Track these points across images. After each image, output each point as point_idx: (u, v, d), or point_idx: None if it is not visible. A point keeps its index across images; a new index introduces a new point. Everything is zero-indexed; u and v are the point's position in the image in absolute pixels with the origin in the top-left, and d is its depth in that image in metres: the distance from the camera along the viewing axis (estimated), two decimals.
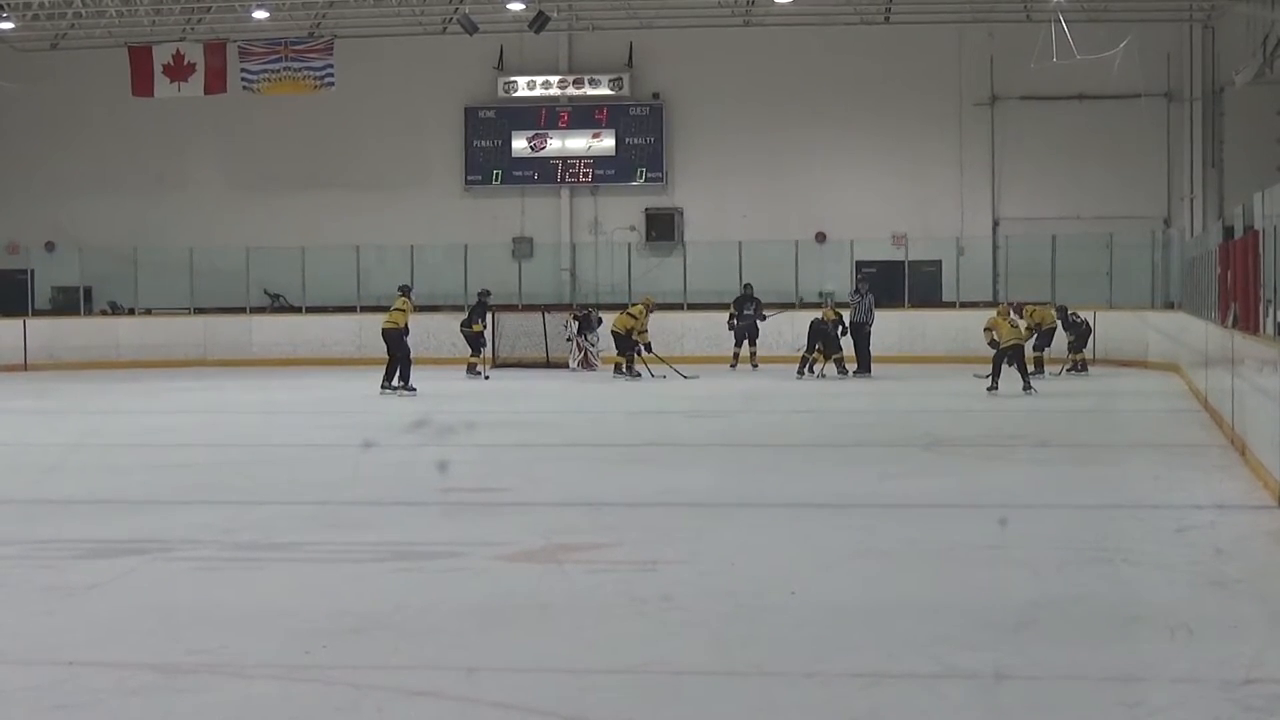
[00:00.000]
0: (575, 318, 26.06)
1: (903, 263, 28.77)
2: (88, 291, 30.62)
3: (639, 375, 23.36)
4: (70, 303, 30.41)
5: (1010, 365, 19.96)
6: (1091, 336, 24.11)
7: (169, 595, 7.63)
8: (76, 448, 15.32)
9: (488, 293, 25.16)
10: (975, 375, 21.21)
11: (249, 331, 29.22)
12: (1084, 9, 26.92)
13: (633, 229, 30.77)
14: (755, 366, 24.97)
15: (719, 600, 7.34)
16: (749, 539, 9.28)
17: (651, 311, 24.00)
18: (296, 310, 29.91)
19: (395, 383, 20.59)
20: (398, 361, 20.66)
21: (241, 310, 29.72)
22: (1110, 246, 27.67)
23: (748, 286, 25.93)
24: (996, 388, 19.70)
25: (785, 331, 25.88)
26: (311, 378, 24.79)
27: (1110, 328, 25.70)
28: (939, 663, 6.10)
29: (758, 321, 25.26)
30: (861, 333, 23.59)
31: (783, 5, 29.06)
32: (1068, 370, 23.37)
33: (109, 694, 5.79)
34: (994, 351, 20.13)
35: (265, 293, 30.36)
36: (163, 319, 30.17)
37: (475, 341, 24.50)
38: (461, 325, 24.80)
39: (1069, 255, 27.49)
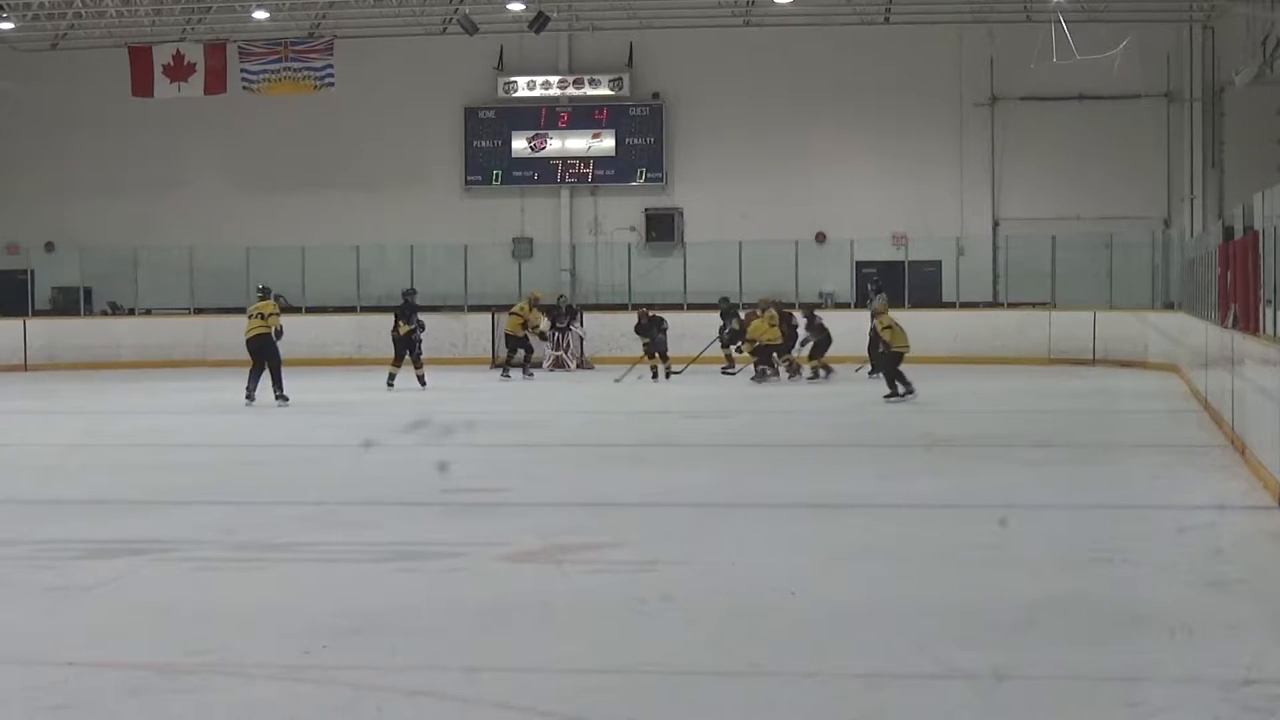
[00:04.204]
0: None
1: (903, 263, 28.78)
2: (88, 292, 30.60)
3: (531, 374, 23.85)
4: (70, 303, 30.38)
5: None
6: (827, 339, 23.12)
7: (169, 595, 7.62)
8: (76, 448, 15.31)
9: (413, 291, 22.86)
10: (856, 370, 22.64)
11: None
12: (1084, 9, 26.90)
13: (633, 229, 30.77)
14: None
15: (719, 600, 7.34)
16: (749, 539, 9.27)
17: (536, 305, 24.61)
18: (296, 310, 29.85)
19: (277, 390, 19.21)
20: (274, 369, 19.41)
21: (241, 310, 29.54)
22: (1110, 246, 27.65)
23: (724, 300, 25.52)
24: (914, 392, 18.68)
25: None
26: (311, 378, 24.75)
27: (1110, 328, 25.70)
28: (939, 663, 6.10)
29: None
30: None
31: (783, 5, 29.05)
32: (809, 378, 22.56)
33: (109, 694, 5.79)
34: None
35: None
36: (163, 319, 30.15)
37: (402, 346, 21.78)
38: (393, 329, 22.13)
39: (1069, 255, 27.50)
